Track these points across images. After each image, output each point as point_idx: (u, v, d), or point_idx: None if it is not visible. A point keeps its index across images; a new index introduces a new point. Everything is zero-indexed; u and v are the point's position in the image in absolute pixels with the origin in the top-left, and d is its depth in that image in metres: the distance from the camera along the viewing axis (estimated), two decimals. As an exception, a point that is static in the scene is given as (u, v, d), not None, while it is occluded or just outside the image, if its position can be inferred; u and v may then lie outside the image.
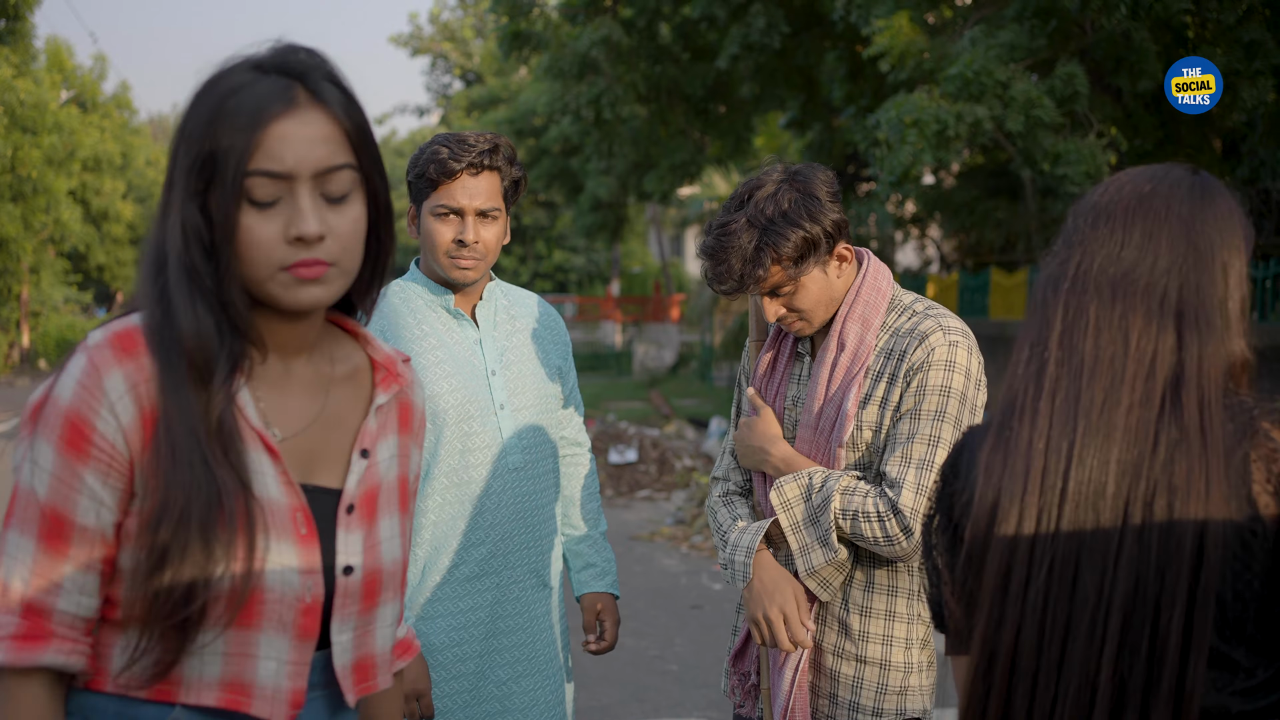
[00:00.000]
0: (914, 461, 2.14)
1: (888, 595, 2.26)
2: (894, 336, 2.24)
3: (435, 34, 43.05)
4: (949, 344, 2.18)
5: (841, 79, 12.35)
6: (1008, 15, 7.87)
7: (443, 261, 2.53)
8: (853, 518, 2.15)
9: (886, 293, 2.29)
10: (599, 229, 19.96)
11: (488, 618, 2.54)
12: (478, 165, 2.50)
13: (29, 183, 22.11)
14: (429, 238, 2.53)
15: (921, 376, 2.17)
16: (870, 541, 2.15)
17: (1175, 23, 7.24)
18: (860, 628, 2.27)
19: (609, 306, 34.20)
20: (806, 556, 2.21)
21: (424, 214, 2.53)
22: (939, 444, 2.14)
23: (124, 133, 36.18)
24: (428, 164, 2.50)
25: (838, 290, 2.27)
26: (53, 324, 29.56)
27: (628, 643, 6.27)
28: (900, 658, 2.26)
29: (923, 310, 2.26)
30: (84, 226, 31.96)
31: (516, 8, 14.20)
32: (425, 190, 2.52)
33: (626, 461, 12.21)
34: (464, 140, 2.51)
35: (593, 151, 15.49)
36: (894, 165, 7.45)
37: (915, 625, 2.28)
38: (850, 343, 2.25)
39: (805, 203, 2.19)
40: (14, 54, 20.77)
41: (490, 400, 2.56)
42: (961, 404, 2.17)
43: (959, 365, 2.18)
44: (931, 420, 2.15)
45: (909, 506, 2.11)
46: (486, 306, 2.64)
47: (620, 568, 3.17)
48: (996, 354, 15.10)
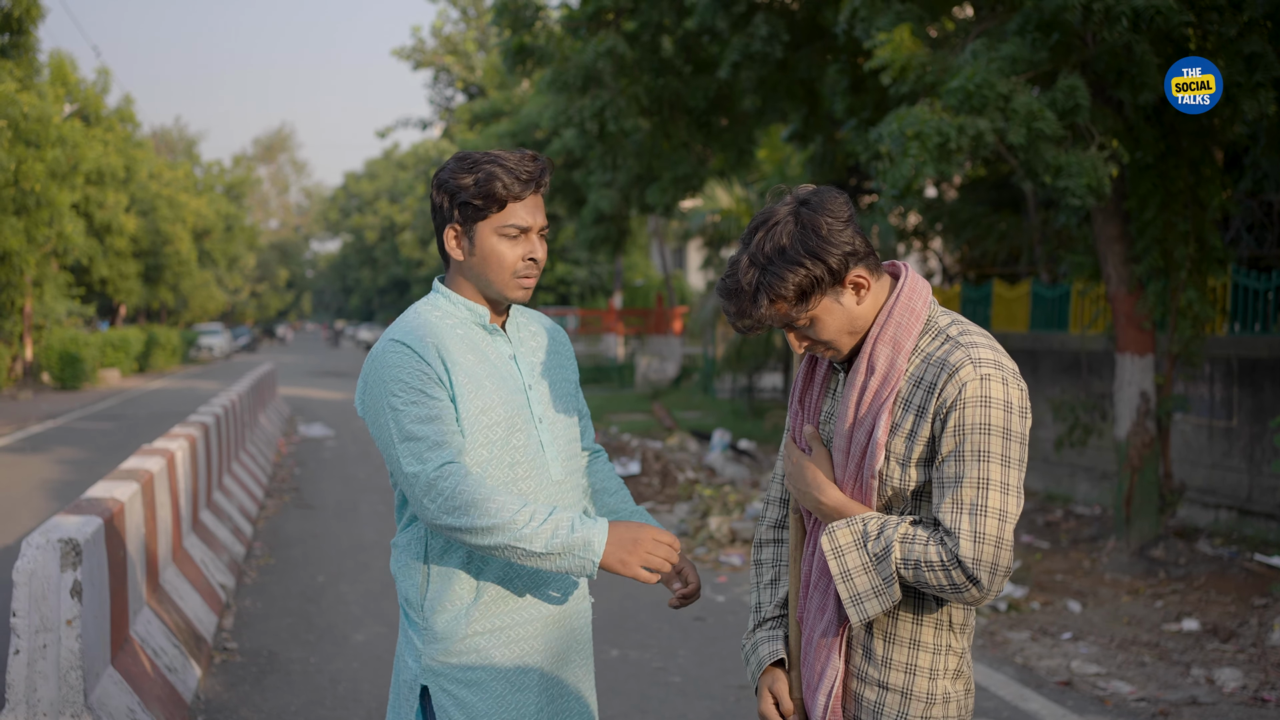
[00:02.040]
0: (966, 508, 2.09)
1: (913, 624, 2.24)
2: (925, 364, 2.17)
3: (438, 47, 43.15)
4: (980, 378, 2.11)
5: (843, 92, 12.35)
6: (1009, 28, 7.88)
7: (508, 281, 2.55)
8: (914, 567, 2.12)
9: (921, 314, 2.21)
10: (602, 242, 19.96)
11: (541, 630, 2.57)
12: (540, 184, 2.53)
13: (32, 196, 22.15)
14: (495, 258, 2.53)
15: (958, 416, 2.11)
16: (936, 589, 2.12)
17: (1177, 35, 7.25)
18: (883, 654, 2.25)
19: (611, 319, 34.20)
20: (860, 605, 2.17)
21: (484, 234, 2.52)
22: (989, 486, 2.09)
23: (127, 146, 36.26)
24: (492, 184, 2.49)
25: (862, 316, 2.21)
26: (56, 337, 29.58)
27: (631, 654, 6.26)
28: (924, 687, 2.23)
29: (956, 335, 2.18)
30: (87, 240, 32.05)
31: (520, 21, 14.23)
32: (486, 210, 2.50)
33: (629, 474, 12.20)
34: (525, 159, 2.52)
35: (595, 164, 15.51)
36: (896, 178, 7.45)
37: (943, 656, 2.24)
38: (880, 366, 2.19)
39: (804, 238, 2.13)
40: (18, 68, 20.83)
41: (530, 414, 2.59)
42: (1006, 439, 2.11)
43: (995, 400, 2.11)
44: (977, 462, 2.10)
45: (970, 556, 2.07)
46: (512, 323, 2.67)
47: (623, 580, 3.19)
48: (999, 366, 15.08)
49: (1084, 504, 11.67)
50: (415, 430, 2.43)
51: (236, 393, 12.54)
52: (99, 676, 4.34)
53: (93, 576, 4.31)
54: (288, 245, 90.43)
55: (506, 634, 2.53)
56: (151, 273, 42.13)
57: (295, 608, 7.23)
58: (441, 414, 2.44)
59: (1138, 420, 8.83)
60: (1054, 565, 8.72)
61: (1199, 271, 8.61)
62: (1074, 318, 13.29)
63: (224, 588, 7.15)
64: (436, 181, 2.56)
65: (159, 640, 5.32)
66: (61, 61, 30.51)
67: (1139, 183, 8.46)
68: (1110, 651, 6.55)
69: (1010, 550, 2.10)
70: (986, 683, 5.90)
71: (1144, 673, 6.16)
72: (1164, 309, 8.63)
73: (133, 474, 5.77)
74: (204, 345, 51.38)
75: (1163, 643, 6.74)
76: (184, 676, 5.32)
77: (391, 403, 2.45)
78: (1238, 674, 6.06)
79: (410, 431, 2.43)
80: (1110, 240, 8.77)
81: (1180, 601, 7.68)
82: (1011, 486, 2.11)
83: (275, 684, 5.76)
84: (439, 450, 2.41)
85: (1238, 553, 8.96)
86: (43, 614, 4.03)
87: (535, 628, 2.56)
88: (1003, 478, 2.10)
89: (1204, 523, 10.13)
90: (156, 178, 41.87)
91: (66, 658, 4.04)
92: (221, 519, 8.51)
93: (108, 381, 32.50)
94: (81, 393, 28.06)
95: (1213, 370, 10.53)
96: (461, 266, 2.57)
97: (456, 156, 2.56)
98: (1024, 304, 14.72)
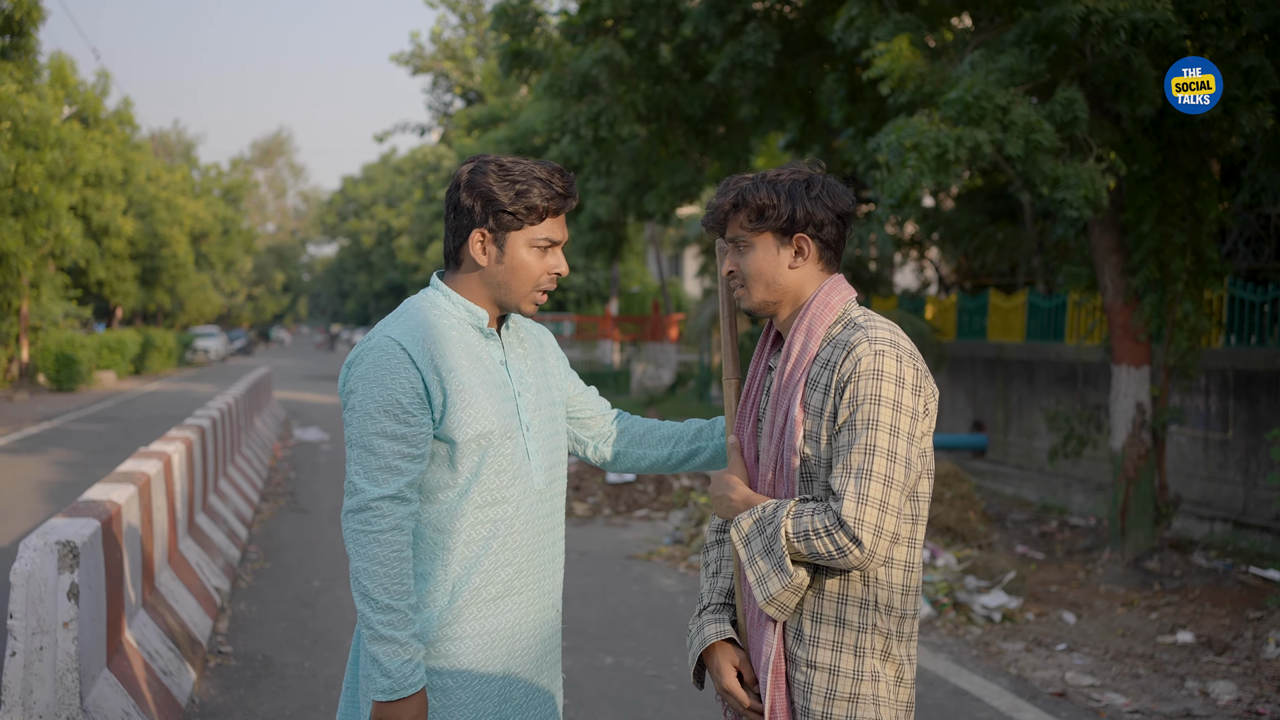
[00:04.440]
0: (853, 471, 2.21)
1: (838, 602, 2.33)
2: (832, 347, 2.35)
3: (436, 53, 43.17)
4: (875, 353, 2.27)
5: (841, 100, 12.38)
6: (1008, 40, 7.91)
7: (528, 294, 2.56)
8: (803, 537, 2.24)
9: (836, 307, 2.40)
10: (598, 248, 19.92)
11: (508, 638, 2.56)
12: (572, 200, 2.55)
13: (30, 198, 22.12)
14: (524, 269, 2.53)
15: (852, 388, 2.27)
16: (826, 557, 2.23)
17: (1175, 48, 7.27)
18: (811, 633, 2.35)
19: (607, 325, 34.20)
20: (764, 585, 2.29)
21: (515, 244, 2.51)
22: (875, 452, 2.21)
23: (125, 148, 36.25)
24: (532, 197, 2.49)
25: (785, 279, 2.42)
26: (52, 339, 29.56)
27: (626, 662, 6.26)
28: (850, 664, 2.32)
29: (861, 322, 2.36)
30: (84, 242, 31.99)
31: (518, 27, 14.24)
32: (524, 221, 2.50)
33: (624, 481, 12.19)
34: (557, 174, 2.53)
35: (592, 171, 15.50)
36: (894, 188, 7.47)
37: (869, 634, 2.33)
38: (795, 351, 2.39)
39: (795, 187, 2.39)
40: (18, 70, 20.82)
41: (519, 421, 2.58)
42: (896, 410, 2.24)
43: (887, 373, 2.26)
44: (865, 429, 2.23)
45: (852, 516, 2.18)
46: (504, 328, 2.66)
47: (617, 587, 3.20)
48: (995, 375, 15.15)
49: (1079, 515, 11.68)
50: (376, 444, 2.43)
51: (232, 396, 12.53)
52: (95, 679, 4.34)
53: (90, 579, 4.31)
54: (284, 249, 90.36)
55: (477, 640, 2.52)
56: (148, 275, 42.10)
57: (290, 612, 7.23)
58: (409, 434, 2.44)
59: (1133, 432, 8.85)
60: (1049, 576, 8.73)
61: (1195, 284, 8.64)
62: (1070, 328, 13.31)
63: (219, 591, 7.14)
64: (468, 184, 2.51)
65: (154, 643, 5.32)
66: (62, 64, 30.51)
67: (1136, 195, 8.48)
68: (1105, 663, 6.56)
69: (896, 516, 2.21)
70: (981, 694, 5.90)
71: (1138, 685, 6.17)
72: (1160, 321, 8.65)
73: (130, 477, 5.77)
74: (200, 348, 51.33)
75: (1157, 655, 6.75)
76: (179, 680, 5.32)
77: (366, 405, 2.44)
78: (1232, 687, 6.07)
79: (370, 443, 2.43)
80: (1107, 252, 8.79)
81: (1175, 614, 7.69)
82: (899, 455, 2.23)
83: (270, 688, 5.75)
84: (390, 476, 2.42)
85: (1233, 565, 8.97)
86: (40, 616, 4.03)
87: (505, 635, 2.55)
88: (890, 445, 2.22)
89: (1199, 535, 10.14)
90: (154, 180, 41.84)
91: (63, 660, 4.04)
92: (217, 522, 8.50)
93: (104, 383, 32.47)
94: (77, 394, 28.03)
95: (1208, 382, 10.55)
96: (483, 272, 2.55)
97: (488, 160, 2.52)
98: (1020, 314, 14.75)
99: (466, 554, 2.51)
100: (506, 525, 2.54)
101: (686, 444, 2.84)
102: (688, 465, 2.85)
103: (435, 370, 2.47)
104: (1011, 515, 11.77)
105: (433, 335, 2.51)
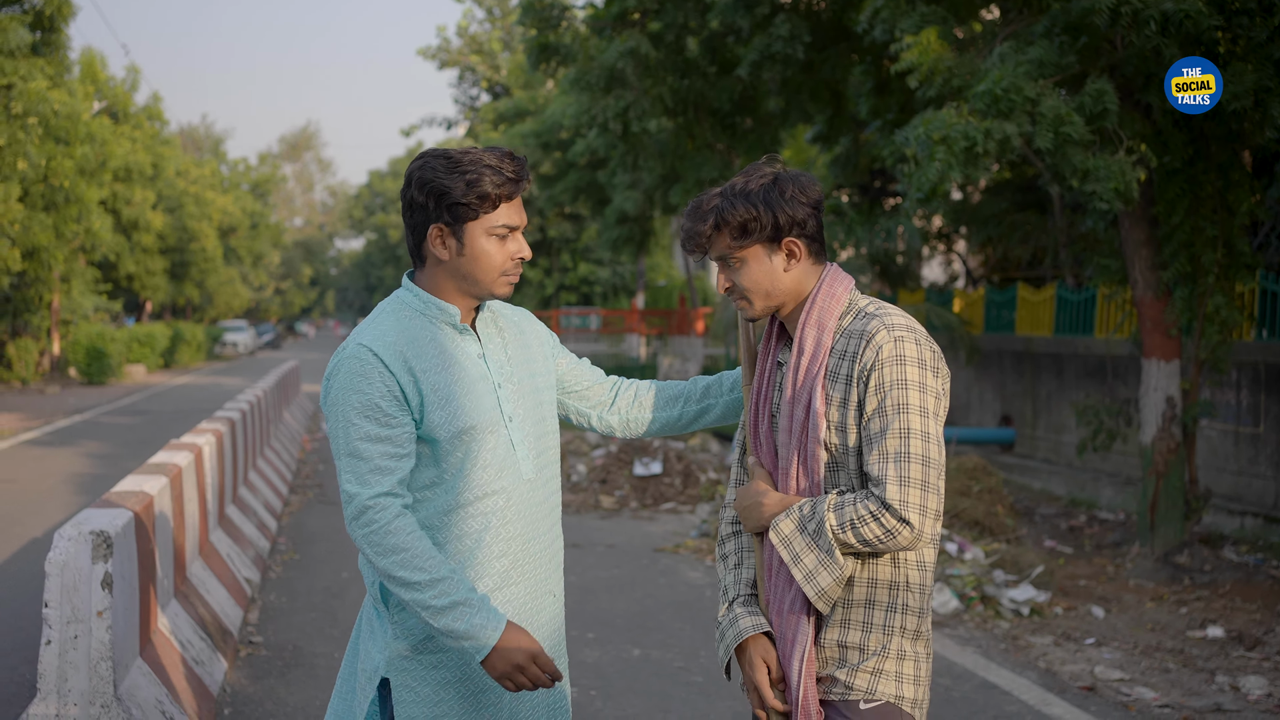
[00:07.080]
0: (891, 456, 2.26)
1: (868, 585, 2.37)
2: (847, 338, 2.38)
3: (463, 47, 43.24)
4: (895, 339, 2.31)
5: (868, 93, 12.35)
6: (1037, 31, 7.86)
7: (495, 280, 2.54)
8: (851, 526, 2.27)
9: (842, 298, 2.43)
10: (625, 242, 19.98)
11: None
12: (525, 183, 2.53)
13: (61, 192, 22.33)
14: (485, 258, 2.51)
15: (878, 375, 2.30)
16: (876, 542, 2.27)
17: (1206, 39, 7.21)
18: (841, 617, 2.39)
19: (634, 319, 34.22)
20: (813, 581, 2.32)
21: (474, 234, 2.49)
22: (910, 435, 2.26)
23: (155, 143, 36.55)
24: (485, 183, 2.46)
25: (782, 283, 2.43)
26: (83, 332, 29.82)
27: (653, 654, 6.28)
28: (876, 642, 2.36)
29: (873, 311, 2.39)
30: (114, 236, 32.28)
31: (545, 20, 14.27)
32: (478, 210, 2.47)
33: (651, 474, 12.20)
34: (506, 159, 2.50)
35: (619, 165, 15.55)
36: (922, 182, 7.44)
37: (899, 614, 2.37)
38: (809, 345, 2.40)
39: (768, 191, 2.40)
40: (49, 65, 20.98)
41: (500, 413, 2.57)
42: (923, 392, 2.29)
43: (909, 358, 2.30)
44: (898, 414, 2.27)
45: (897, 499, 2.23)
46: (481, 320, 2.64)
47: (644, 580, 3.21)
48: (1023, 369, 15.08)
49: (1108, 509, 11.61)
50: (362, 448, 2.44)
51: (261, 389, 12.61)
52: (128, 668, 4.38)
53: (123, 569, 4.36)
54: (312, 243, 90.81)
55: None
56: (177, 269, 42.44)
57: (319, 603, 7.28)
58: (393, 435, 2.45)
59: (1163, 425, 8.79)
60: (1077, 570, 8.69)
61: (1227, 277, 8.56)
62: (1099, 322, 13.23)
63: (249, 582, 7.20)
64: (418, 181, 2.48)
65: (186, 633, 5.37)
66: (92, 59, 30.77)
67: (1167, 187, 8.42)
68: (1134, 657, 6.53)
69: (938, 495, 2.26)
70: (1010, 687, 5.89)
71: (1168, 679, 6.14)
72: (1191, 314, 8.58)
73: (161, 468, 5.82)
74: (228, 341, 51.69)
75: (1187, 649, 6.71)
76: (210, 669, 5.37)
77: (347, 413, 2.46)
78: (1263, 682, 6.03)
79: (357, 449, 2.44)
80: (1137, 244, 8.73)
81: (1205, 608, 7.64)
82: (932, 435, 2.28)
83: (300, 678, 5.80)
84: (380, 476, 2.43)
85: (1263, 560, 8.91)
86: (74, 605, 4.08)
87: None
88: (923, 426, 2.27)
89: (1229, 529, 10.07)
90: (183, 175, 42.18)
91: (97, 649, 4.09)
92: (247, 514, 8.57)
93: (133, 377, 32.74)
94: (107, 388, 28.28)
95: (1239, 376, 10.47)
96: (446, 266, 2.54)
97: (435, 154, 2.50)
98: (1049, 308, 14.67)
99: (460, 549, 2.51)
100: (499, 517, 2.54)
101: (696, 402, 2.84)
102: (699, 423, 2.85)
103: (409, 372, 2.48)
104: (1040, 509, 11.72)
105: (404, 338, 2.51)
